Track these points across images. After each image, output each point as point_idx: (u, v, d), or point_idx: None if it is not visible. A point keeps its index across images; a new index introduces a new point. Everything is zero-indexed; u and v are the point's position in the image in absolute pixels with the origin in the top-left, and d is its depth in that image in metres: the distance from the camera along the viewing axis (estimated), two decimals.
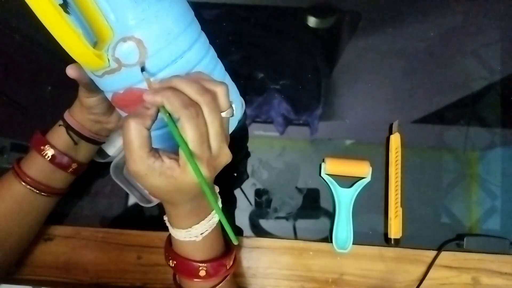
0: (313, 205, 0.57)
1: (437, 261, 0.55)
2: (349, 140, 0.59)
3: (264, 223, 0.57)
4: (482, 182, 0.58)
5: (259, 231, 0.57)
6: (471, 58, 0.61)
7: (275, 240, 0.56)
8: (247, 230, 0.57)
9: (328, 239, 0.56)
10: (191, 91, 0.32)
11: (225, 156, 0.35)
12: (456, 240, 0.56)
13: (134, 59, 0.34)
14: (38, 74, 0.61)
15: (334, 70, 0.61)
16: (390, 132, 0.58)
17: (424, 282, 0.55)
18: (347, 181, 0.57)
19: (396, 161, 0.56)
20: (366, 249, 0.56)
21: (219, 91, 0.34)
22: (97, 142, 0.50)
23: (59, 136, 0.47)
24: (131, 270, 0.56)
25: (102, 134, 0.50)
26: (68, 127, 0.46)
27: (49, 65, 0.62)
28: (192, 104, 0.32)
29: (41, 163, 0.46)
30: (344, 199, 0.56)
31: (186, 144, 0.31)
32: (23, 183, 0.45)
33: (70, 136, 0.47)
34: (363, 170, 0.56)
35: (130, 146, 0.32)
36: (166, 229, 0.41)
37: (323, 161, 0.57)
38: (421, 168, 0.58)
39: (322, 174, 0.57)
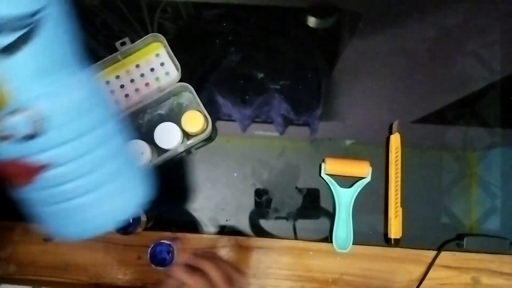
0: (313, 205, 0.57)
1: (437, 261, 0.55)
2: (349, 140, 0.59)
3: (264, 223, 0.57)
4: (482, 182, 0.58)
5: (259, 231, 0.57)
6: (471, 58, 0.61)
7: (275, 240, 0.56)
8: (247, 230, 0.57)
9: (328, 239, 0.56)
10: (219, 282, 0.37)
11: None
12: (456, 240, 0.56)
13: (25, 131, 0.29)
14: None
15: (334, 70, 0.61)
16: (390, 132, 0.58)
17: (424, 282, 0.55)
18: (347, 181, 0.57)
19: (396, 161, 0.56)
20: (366, 249, 0.56)
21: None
22: None
23: None
24: (131, 270, 0.56)
25: None
26: None
27: None
28: None
29: None
30: (344, 199, 0.56)
31: None
32: None
33: None
34: (363, 170, 0.56)
35: None
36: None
37: (323, 161, 0.57)
38: (421, 168, 0.58)
39: (322, 174, 0.57)
